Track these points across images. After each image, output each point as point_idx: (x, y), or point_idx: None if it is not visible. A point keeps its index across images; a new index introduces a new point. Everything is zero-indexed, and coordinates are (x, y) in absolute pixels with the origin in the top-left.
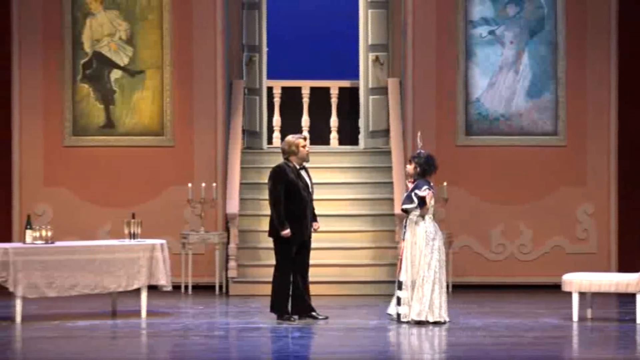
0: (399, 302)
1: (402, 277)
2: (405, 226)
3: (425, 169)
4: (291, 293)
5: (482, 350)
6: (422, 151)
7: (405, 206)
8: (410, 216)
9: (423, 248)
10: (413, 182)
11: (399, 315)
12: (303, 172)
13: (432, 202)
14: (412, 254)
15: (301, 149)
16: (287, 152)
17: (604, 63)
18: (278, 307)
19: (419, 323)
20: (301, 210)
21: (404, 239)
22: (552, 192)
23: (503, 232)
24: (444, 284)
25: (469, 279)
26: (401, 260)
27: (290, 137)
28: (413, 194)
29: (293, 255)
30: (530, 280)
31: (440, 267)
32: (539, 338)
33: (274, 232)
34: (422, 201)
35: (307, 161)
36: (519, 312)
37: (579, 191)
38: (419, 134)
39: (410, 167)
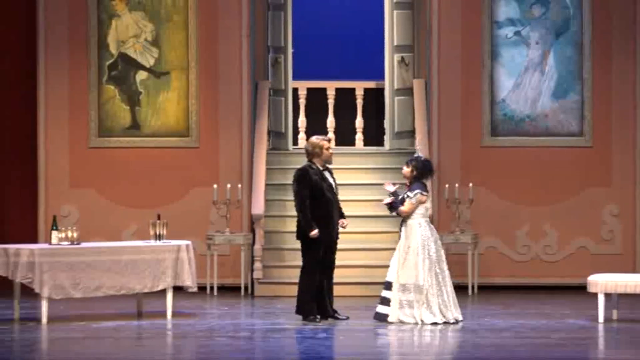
0: (382, 302)
1: (390, 278)
2: (401, 229)
3: (422, 172)
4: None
5: (508, 351)
6: (420, 155)
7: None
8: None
9: (420, 252)
10: (408, 186)
11: (379, 315)
12: (327, 173)
13: (429, 204)
14: (405, 257)
15: (325, 150)
16: (311, 154)
17: (629, 63)
18: (304, 309)
19: (441, 324)
20: (327, 212)
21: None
22: (578, 193)
23: (528, 233)
24: (451, 284)
25: (494, 280)
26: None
27: (314, 139)
28: (405, 196)
29: (321, 257)
30: (556, 281)
31: (442, 270)
32: (565, 339)
33: (301, 234)
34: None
35: (330, 163)
36: (544, 313)
37: (604, 192)
38: (418, 138)
39: (407, 170)
